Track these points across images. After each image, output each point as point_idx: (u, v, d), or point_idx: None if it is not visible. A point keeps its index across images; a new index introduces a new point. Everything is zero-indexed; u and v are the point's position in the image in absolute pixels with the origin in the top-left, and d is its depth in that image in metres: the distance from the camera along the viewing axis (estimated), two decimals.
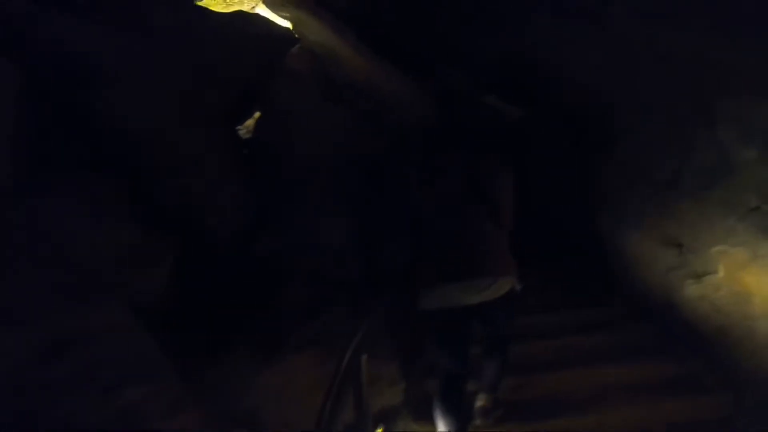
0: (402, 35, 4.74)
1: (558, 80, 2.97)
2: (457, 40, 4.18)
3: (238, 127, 3.34)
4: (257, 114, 3.45)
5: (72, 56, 2.17)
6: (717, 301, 2.50)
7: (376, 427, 2.34)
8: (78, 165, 2.06)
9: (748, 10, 1.48)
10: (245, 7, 4.21)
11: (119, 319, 1.53)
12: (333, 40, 4.67)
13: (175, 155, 2.31)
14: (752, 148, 1.79)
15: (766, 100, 1.64)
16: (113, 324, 1.49)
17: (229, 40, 3.28)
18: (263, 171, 2.63)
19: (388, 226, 3.12)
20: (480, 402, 2.45)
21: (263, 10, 4.26)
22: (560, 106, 3.18)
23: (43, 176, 1.87)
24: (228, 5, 4.06)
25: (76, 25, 2.26)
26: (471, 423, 2.38)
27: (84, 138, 2.17)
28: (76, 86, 2.17)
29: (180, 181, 2.31)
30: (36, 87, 1.94)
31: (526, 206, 3.03)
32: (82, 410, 1.26)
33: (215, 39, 3.18)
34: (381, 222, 3.30)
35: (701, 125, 2.02)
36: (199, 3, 3.85)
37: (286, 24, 4.50)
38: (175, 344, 2.02)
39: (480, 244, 2.15)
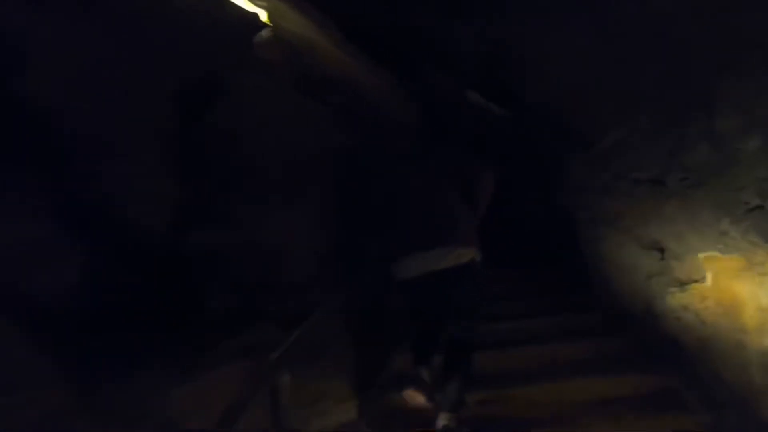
0: (384, 30, 4.43)
1: (538, 70, 2.62)
2: (438, 31, 3.87)
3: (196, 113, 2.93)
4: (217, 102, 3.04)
5: None
6: (702, 312, 2.16)
7: None
8: None
9: None
10: None
11: None
12: (313, 32, 4.32)
13: (97, 141, 1.91)
14: (756, 138, 1.44)
15: None
16: None
17: (188, 25, 2.89)
18: (210, 162, 2.23)
19: (373, 215, 2.92)
20: (442, 420, 2.15)
21: None
22: (540, 100, 2.83)
23: None
24: None
25: None
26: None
27: None
28: None
29: (103, 169, 1.91)
30: None
31: (505, 207, 2.94)
32: None
33: (171, 23, 2.79)
34: (363, 213, 2.99)
35: (696, 114, 1.67)
36: None
37: (259, 12, 4.11)
38: (84, 350, 1.65)
39: (453, 221, 2.29)
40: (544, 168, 3.25)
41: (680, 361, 2.49)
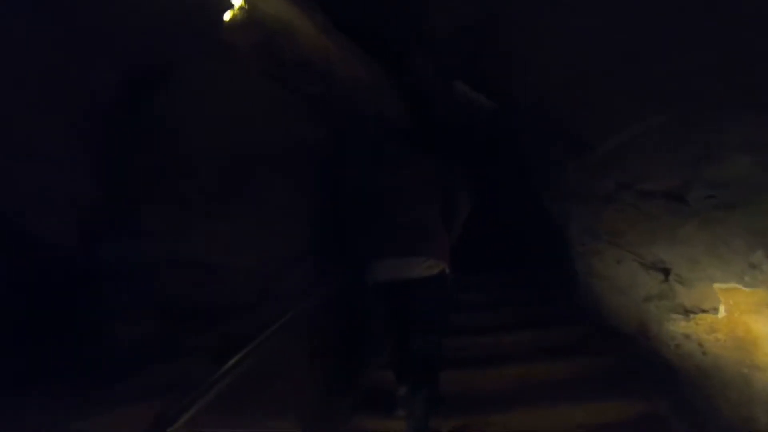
0: (373, 17, 3.95)
1: (531, 57, 2.19)
2: (426, 15, 3.40)
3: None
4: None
5: None
6: (708, 343, 1.82)
7: None
8: None
9: None
10: None
11: None
12: (294, 16, 3.79)
13: None
14: None
15: None
16: None
17: (132, 5, 2.32)
18: (139, 162, 1.72)
19: (347, 218, 2.74)
20: (401, 393, 2.12)
21: None
22: (533, 94, 2.40)
23: None
24: None
25: None
26: None
27: None
28: None
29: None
30: None
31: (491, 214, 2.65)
32: None
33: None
34: (335, 216, 2.70)
35: (735, 114, 1.28)
36: None
37: None
38: None
39: (429, 231, 2.19)
40: (533, 170, 2.84)
41: (672, 388, 2.18)
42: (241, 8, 3.55)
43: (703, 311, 1.76)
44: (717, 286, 1.62)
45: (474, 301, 3.04)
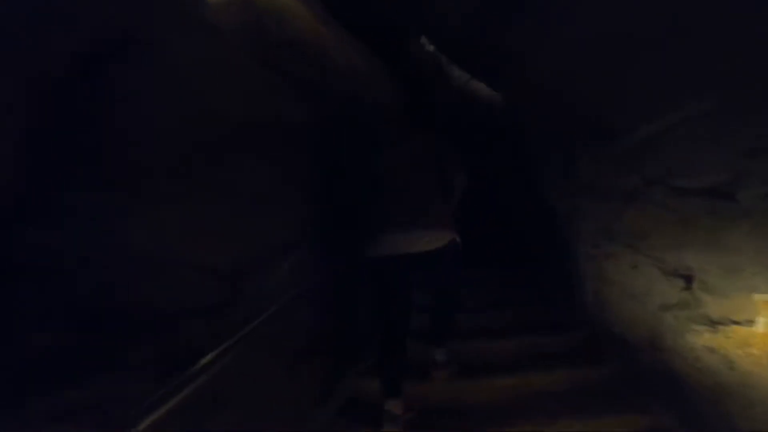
0: (375, 8, 3.64)
1: (549, 32, 1.92)
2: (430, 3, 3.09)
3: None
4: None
5: None
6: (738, 358, 1.62)
7: None
8: None
9: None
10: None
11: None
12: (291, 2, 3.51)
13: None
14: None
15: None
16: None
17: None
18: (77, 135, 1.35)
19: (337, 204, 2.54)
20: (388, 407, 1.94)
21: None
22: (548, 77, 2.13)
23: None
24: None
25: None
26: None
27: None
28: None
29: None
30: None
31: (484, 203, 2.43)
32: None
33: None
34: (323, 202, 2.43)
35: None
36: None
37: None
38: None
39: (431, 206, 2.15)
40: (537, 165, 2.58)
41: (682, 402, 1.98)
42: None
43: (735, 323, 1.56)
44: (759, 297, 1.41)
45: (471, 300, 2.79)
